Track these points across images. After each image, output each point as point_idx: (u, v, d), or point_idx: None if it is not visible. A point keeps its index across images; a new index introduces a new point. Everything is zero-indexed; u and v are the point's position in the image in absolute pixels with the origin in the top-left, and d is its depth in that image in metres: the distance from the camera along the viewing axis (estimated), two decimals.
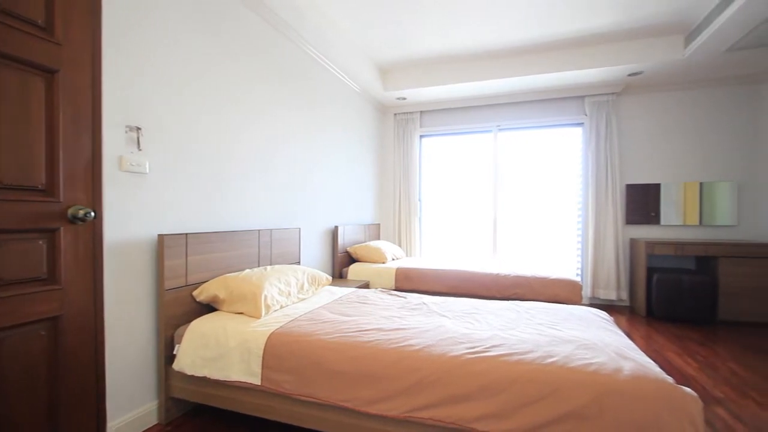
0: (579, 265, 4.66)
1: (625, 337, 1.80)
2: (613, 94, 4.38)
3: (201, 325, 1.93)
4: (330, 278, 2.81)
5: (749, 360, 2.83)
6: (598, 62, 3.79)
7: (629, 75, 4.02)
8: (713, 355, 2.91)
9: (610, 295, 4.38)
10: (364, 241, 4.52)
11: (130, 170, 1.82)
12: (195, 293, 2.12)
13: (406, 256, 5.06)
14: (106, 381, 1.69)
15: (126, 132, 1.81)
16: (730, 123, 4.19)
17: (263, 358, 1.72)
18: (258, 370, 1.73)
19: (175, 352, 1.94)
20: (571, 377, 1.36)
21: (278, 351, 1.71)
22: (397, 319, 1.99)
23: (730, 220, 4.16)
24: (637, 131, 4.45)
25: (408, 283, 3.69)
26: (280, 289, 2.22)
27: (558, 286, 3.21)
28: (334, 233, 3.92)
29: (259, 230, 2.67)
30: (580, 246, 4.65)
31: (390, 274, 3.76)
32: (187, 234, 2.06)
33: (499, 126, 4.87)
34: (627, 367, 1.39)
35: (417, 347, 1.59)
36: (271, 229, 2.81)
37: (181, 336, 1.93)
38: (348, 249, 4.08)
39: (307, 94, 3.38)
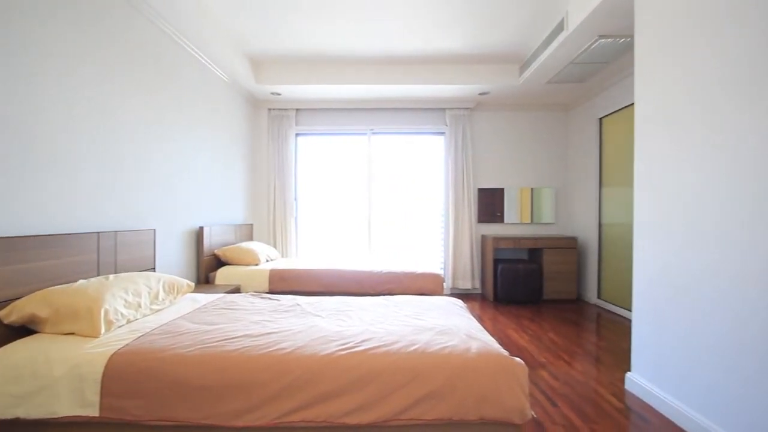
0: (442, 260, 5.20)
1: (475, 320, 2.07)
2: (468, 108, 5.01)
3: (10, 354, 1.53)
4: (192, 285, 2.55)
5: (563, 330, 3.56)
6: (455, 80, 4.29)
7: (479, 94, 4.65)
8: (539, 329, 3.58)
9: (467, 284, 5.00)
10: (235, 243, 4.22)
11: None
12: (1, 315, 1.68)
13: (282, 257, 4.91)
14: None
15: None
16: (550, 140, 5.21)
17: (102, 383, 1.46)
18: (95, 398, 1.46)
19: None
20: (429, 361, 1.51)
21: (123, 373, 1.47)
22: (268, 323, 1.92)
23: (551, 219, 5.17)
24: (486, 142, 5.18)
25: (283, 284, 3.58)
26: (126, 301, 1.91)
27: (424, 279, 3.52)
28: (198, 235, 3.56)
29: (98, 233, 2.26)
30: (443, 242, 5.19)
31: (263, 276, 3.59)
32: None
33: (372, 129, 5.10)
34: (474, 346, 1.61)
35: (288, 350, 1.56)
36: (115, 232, 2.40)
37: None
38: (216, 251, 3.75)
39: (162, 77, 2.98)
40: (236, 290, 3.40)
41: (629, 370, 2.44)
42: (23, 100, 1.86)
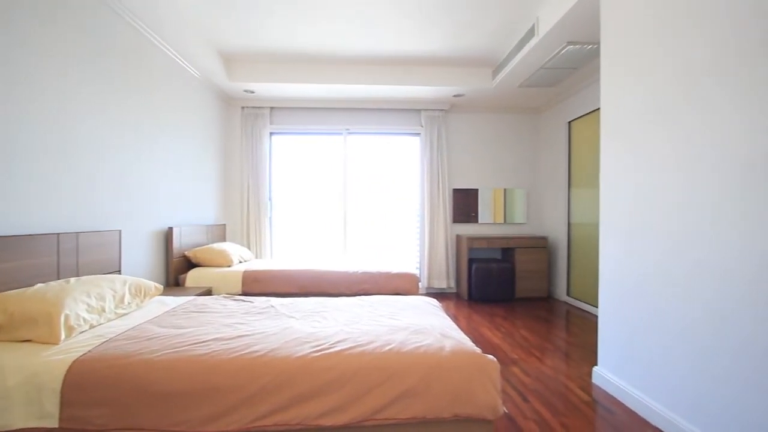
0: (418, 259, 5.24)
1: (449, 319, 2.10)
2: (443, 110, 5.07)
3: None
4: (161, 287, 2.46)
5: (534, 327, 3.66)
6: (431, 81, 4.34)
7: (454, 95, 4.72)
8: (512, 326, 3.66)
9: (442, 284, 5.06)
10: (207, 244, 4.11)
11: None
12: None
13: (256, 257, 4.81)
14: None
15: None
16: (522, 142, 5.34)
17: (62, 393, 1.39)
18: (55, 410, 1.39)
19: None
20: (404, 360, 1.52)
21: (85, 381, 1.41)
22: (240, 326, 1.88)
23: (523, 219, 5.31)
24: (461, 144, 5.26)
25: (257, 286, 3.52)
26: (89, 305, 1.83)
27: (399, 279, 3.54)
28: (168, 235, 3.44)
29: (58, 234, 2.15)
30: (418, 242, 5.23)
31: (236, 277, 3.51)
32: None
33: (348, 129, 5.08)
34: (448, 345, 1.63)
35: (261, 353, 1.53)
36: (77, 233, 2.29)
37: None
38: (186, 253, 3.64)
39: (128, 71, 2.87)
40: (208, 292, 3.31)
41: (596, 365, 2.53)
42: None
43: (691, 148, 1.78)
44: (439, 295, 5.09)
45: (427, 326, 1.85)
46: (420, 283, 5.14)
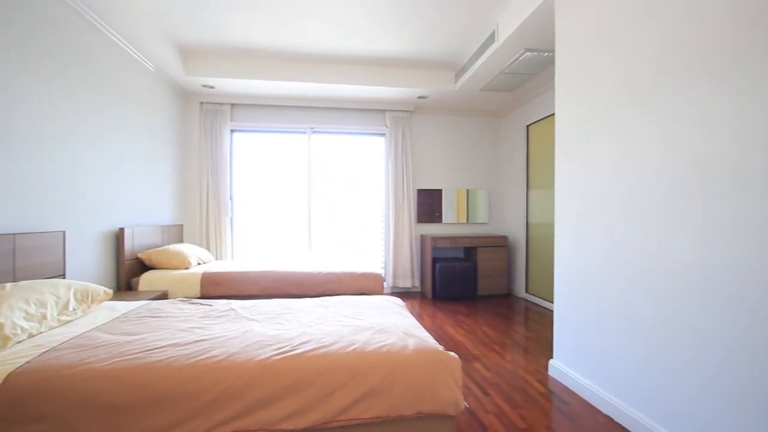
0: (383, 259, 5.26)
1: (413, 318, 2.13)
2: (407, 111, 5.12)
3: None
4: (111, 292, 2.32)
5: (495, 323, 3.78)
6: (395, 82, 4.37)
7: (419, 97, 4.78)
8: (474, 323, 3.76)
9: (407, 283, 5.11)
10: (162, 245, 3.91)
11: None
12: None
13: (216, 259, 4.64)
14: None
15: None
16: (484, 144, 5.50)
17: None
18: None
19: None
20: (368, 360, 1.52)
21: (21, 395, 1.30)
22: (198, 331, 1.80)
23: (485, 219, 5.47)
24: (425, 145, 5.34)
25: (216, 289, 3.39)
26: (27, 312, 1.69)
27: (364, 279, 3.54)
28: (118, 237, 3.25)
29: None
30: (383, 242, 5.25)
31: (194, 280, 3.37)
32: None
33: (312, 128, 5.02)
34: (411, 343, 1.65)
35: (219, 357, 1.48)
36: (14, 234, 2.11)
37: None
38: (139, 255, 3.45)
39: (73, 61, 2.68)
40: (163, 296, 3.15)
41: (552, 358, 2.65)
42: None
43: (636, 153, 1.90)
44: (404, 294, 5.13)
45: (390, 325, 1.86)
46: (385, 283, 5.16)
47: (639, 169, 1.89)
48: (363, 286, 3.52)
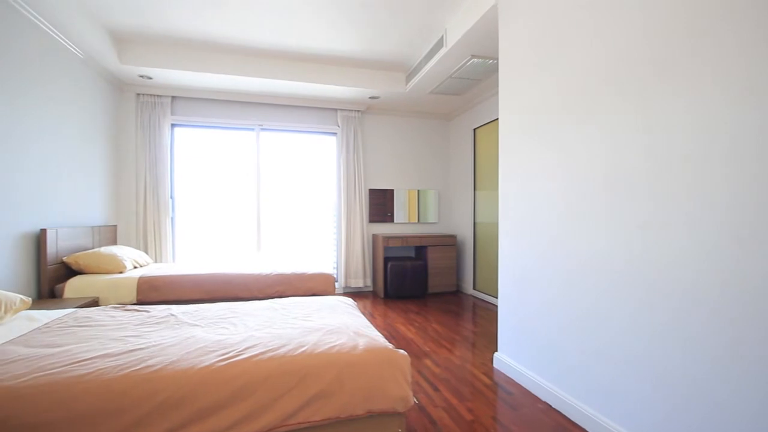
0: (335, 259, 5.22)
1: (364, 318, 2.13)
2: (359, 111, 5.13)
3: None
4: (29, 300, 2.09)
5: (445, 320, 3.89)
6: (347, 82, 4.36)
7: (370, 97, 4.80)
8: (425, 321, 3.85)
9: (359, 283, 5.12)
10: (92, 248, 3.59)
11: None
12: None
13: (155, 262, 4.34)
14: None
15: None
16: (434, 146, 5.65)
17: None
18: None
19: None
20: (318, 361, 1.51)
21: None
22: (132, 339, 1.68)
23: (435, 219, 5.62)
24: (377, 145, 5.37)
25: (155, 294, 3.18)
26: None
27: (315, 280, 3.49)
28: (40, 239, 2.94)
29: None
30: (335, 242, 5.21)
31: (130, 285, 3.13)
32: None
33: (261, 125, 4.86)
34: (361, 343, 1.65)
35: (156, 367, 1.39)
36: None
37: None
38: (65, 259, 3.14)
39: None
40: (93, 303, 2.90)
41: (497, 351, 2.78)
42: None
43: (571, 158, 2.05)
44: (356, 294, 5.13)
45: (341, 326, 1.85)
46: (336, 283, 5.13)
47: (573, 174, 2.03)
48: (314, 287, 3.47)
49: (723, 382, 1.33)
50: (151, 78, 4.11)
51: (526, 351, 2.42)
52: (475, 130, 5.00)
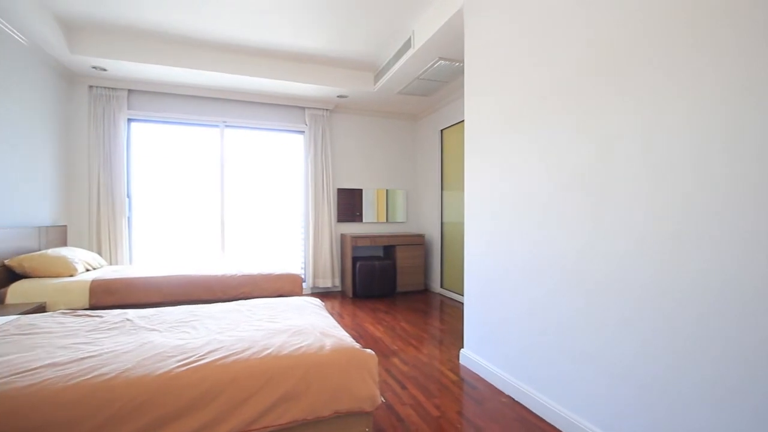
0: (303, 259, 5.15)
1: (331, 318, 2.12)
2: (327, 110, 5.08)
3: None
4: None
5: (413, 318, 3.93)
6: (315, 80, 4.31)
7: (338, 96, 4.77)
8: (393, 320, 3.87)
9: (327, 283, 5.07)
10: (38, 249, 3.35)
11: None
12: None
13: (110, 264, 4.11)
14: None
15: None
16: (402, 146, 5.69)
17: None
18: None
19: None
20: (283, 363, 1.48)
21: None
22: (83, 347, 1.58)
23: (403, 218, 5.66)
24: (345, 144, 5.35)
25: (110, 298, 3.01)
26: None
27: (282, 280, 3.43)
28: None
29: None
30: (303, 242, 5.14)
31: (82, 289, 2.95)
32: None
33: (226, 122, 4.71)
34: (328, 343, 1.64)
35: (110, 375, 1.31)
36: None
37: None
38: (7, 262, 2.91)
39: None
40: (40, 309, 2.70)
41: (463, 347, 2.84)
42: None
43: (530, 163, 2.13)
44: (324, 294, 5.09)
45: (308, 327, 1.83)
46: (304, 283, 5.07)
47: (532, 177, 2.11)
48: (280, 287, 3.40)
49: (676, 372, 1.43)
50: (105, 70, 3.89)
51: (490, 346, 2.49)
52: (442, 131, 5.08)
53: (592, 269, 1.74)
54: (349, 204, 5.34)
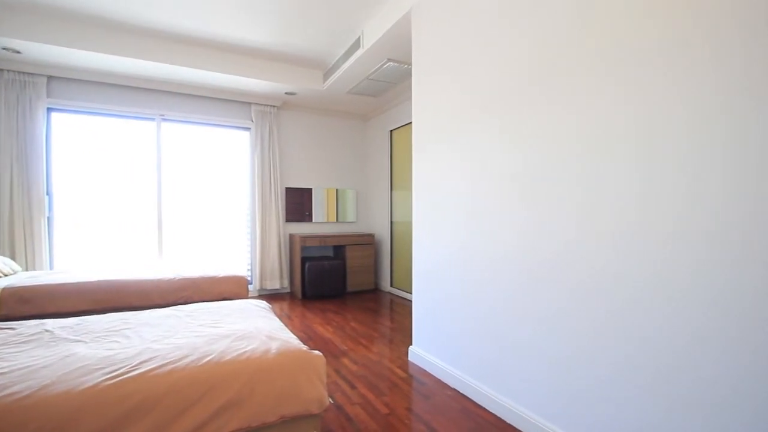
0: (249, 261, 4.96)
1: (278, 320, 2.07)
2: (274, 106, 4.93)
3: None
4: None
5: (363, 318, 3.94)
6: (261, 75, 4.17)
7: (286, 93, 4.66)
8: (343, 320, 3.85)
9: (275, 284, 4.93)
10: None
11: None
12: None
13: (25, 269, 3.68)
14: None
15: None
16: (352, 145, 5.68)
17: None
18: None
19: None
20: (225, 370, 1.42)
21: None
22: None
23: (353, 218, 5.65)
24: (294, 142, 5.23)
25: (25, 306, 2.71)
26: None
27: (225, 283, 3.28)
28: None
29: None
30: (249, 243, 4.95)
31: None
32: None
33: (163, 115, 4.41)
34: (274, 346, 1.60)
35: (23, 394, 1.18)
36: None
37: None
38: None
39: None
40: None
41: (411, 344, 2.90)
42: None
43: (476, 162, 2.22)
44: (272, 296, 4.94)
45: (252, 330, 1.77)
46: (251, 286, 4.89)
47: (476, 177, 2.20)
48: (224, 290, 3.26)
49: (598, 362, 1.56)
50: (19, 52, 3.47)
51: (437, 342, 2.56)
52: (391, 131, 5.14)
53: (531, 267, 1.85)
54: (298, 203, 5.23)
